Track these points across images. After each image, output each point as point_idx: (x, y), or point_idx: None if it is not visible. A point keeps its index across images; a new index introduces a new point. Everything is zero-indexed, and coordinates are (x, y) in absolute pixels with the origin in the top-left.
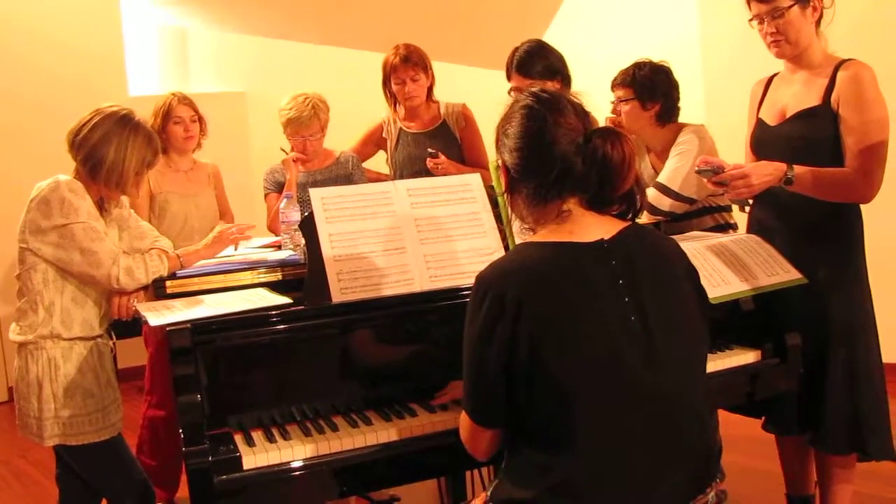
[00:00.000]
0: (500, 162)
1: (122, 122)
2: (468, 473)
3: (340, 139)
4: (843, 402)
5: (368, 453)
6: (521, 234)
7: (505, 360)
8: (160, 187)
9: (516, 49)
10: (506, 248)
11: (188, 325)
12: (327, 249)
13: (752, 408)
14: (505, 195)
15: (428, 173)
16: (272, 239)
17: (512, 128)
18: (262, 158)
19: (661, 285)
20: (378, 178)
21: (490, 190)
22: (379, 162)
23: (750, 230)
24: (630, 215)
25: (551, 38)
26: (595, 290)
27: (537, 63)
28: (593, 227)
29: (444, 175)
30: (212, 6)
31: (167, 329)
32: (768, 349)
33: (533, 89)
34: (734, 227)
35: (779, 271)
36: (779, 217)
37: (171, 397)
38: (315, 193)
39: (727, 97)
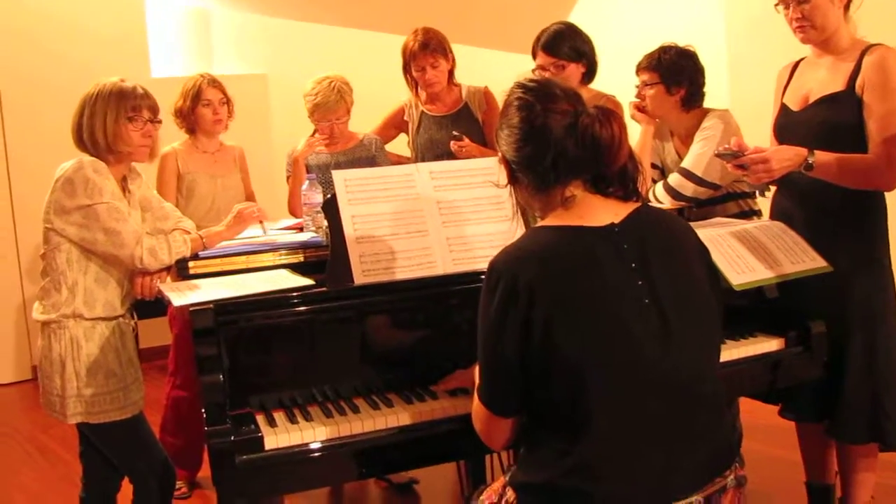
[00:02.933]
0: (500, 155)
1: (89, 93)
2: (487, 457)
3: (362, 122)
4: (862, 390)
5: (388, 436)
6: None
7: (520, 345)
8: (187, 168)
9: (545, 29)
10: None
11: (211, 306)
12: (350, 231)
13: (770, 394)
14: (509, 186)
15: (450, 156)
16: (295, 221)
17: (508, 120)
18: (284, 141)
19: (673, 267)
20: (399, 161)
21: None
22: (400, 145)
23: (773, 217)
24: (632, 194)
25: (575, 21)
26: (607, 274)
27: (565, 44)
28: (602, 211)
29: (468, 158)
30: None
31: (190, 310)
32: (792, 337)
33: (520, 80)
34: (758, 213)
35: (804, 258)
36: (801, 204)
37: (196, 378)
38: (338, 175)
39: (752, 82)
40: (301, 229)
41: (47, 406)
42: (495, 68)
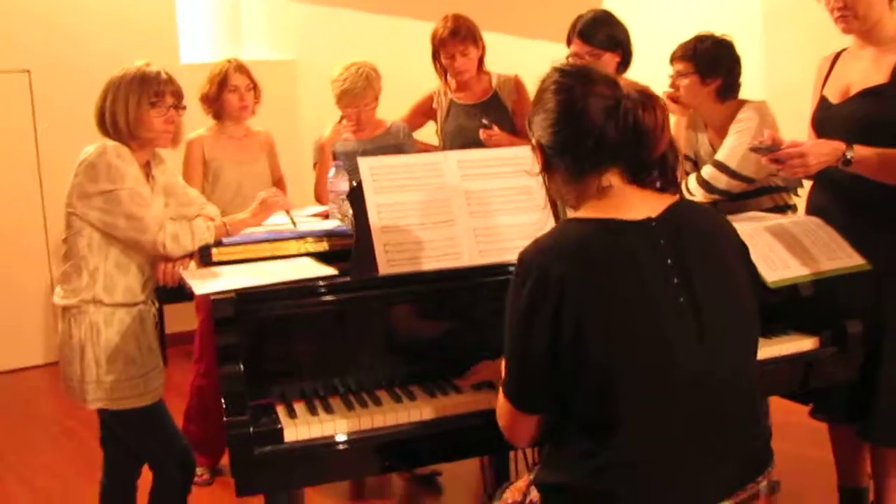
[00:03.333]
0: (534, 141)
1: (113, 78)
2: (512, 453)
3: (390, 109)
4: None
5: (410, 430)
6: (573, 210)
7: (549, 342)
8: (213, 154)
9: (581, 15)
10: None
11: (232, 295)
12: (375, 220)
13: (801, 393)
14: (542, 175)
15: (477, 144)
16: (321, 208)
17: (543, 105)
18: (312, 128)
19: (710, 265)
20: (426, 149)
21: None
22: (429, 133)
23: (809, 212)
24: (670, 185)
25: (608, 7)
26: (642, 270)
27: (601, 31)
28: (639, 204)
29: (497, 146)
30: None
31: (211, 298)
32: (827, 337)
33: (556, 65)
34: (793, 208)
35: (841, 256)
36: (838, 199)
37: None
38: (363, 163)
39: (789, 72)
40: (327, 216)
41: (68, 391)
42: (525, 56)
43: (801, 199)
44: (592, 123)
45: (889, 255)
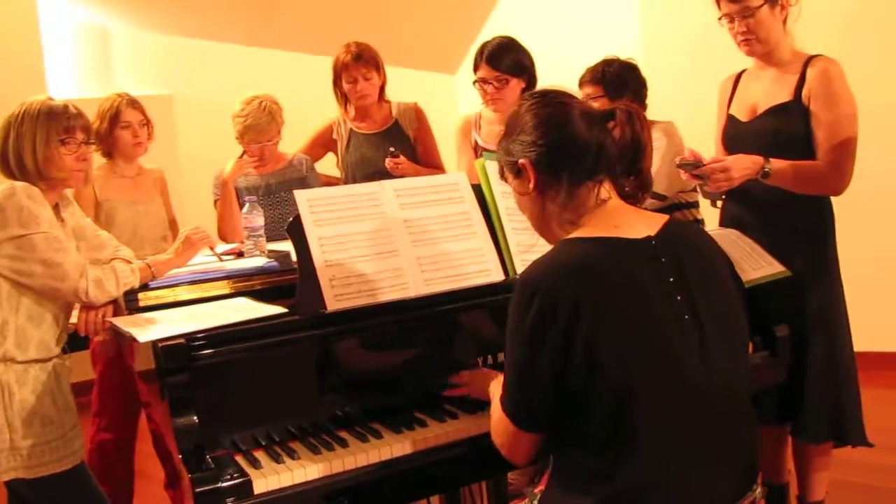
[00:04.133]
0: (521, 163)
1: (14, 114)
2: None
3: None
4: (823, 391)
5: (386, 468)
6: (513, 234)
7: (556, 363)
8: (106, 194)
9: (487, 42)
10: (497, 248)
11: (182, 341)
12: (318, 254)
13: None
14: (532, 195)
15: (382, 174)
16: (229, 246)
17: (526, 125)
18: (191, 163)
19: (708, 282)
20: (329, 181)
21: (477, 189)
22: (328, 164)
23: (723, 224)
24: (642, 200)
25: (488, 35)
26: (649, 289)
27: (507, 56)
28: (637, 223)
29: (403, 176)
30: (134, 5)
31: (160, 345)
32: (757, 342)
33: (529, 92)
34: (702, 223)
35: (763, 264)
36: (753, 211)
37: (123, 419)
38: (301, 196)
39: (669, 98)
40: (240, 254)
41: None
42: (407, 88)
43: (712, 209)
44: (585, 131)
45: (805, 261)
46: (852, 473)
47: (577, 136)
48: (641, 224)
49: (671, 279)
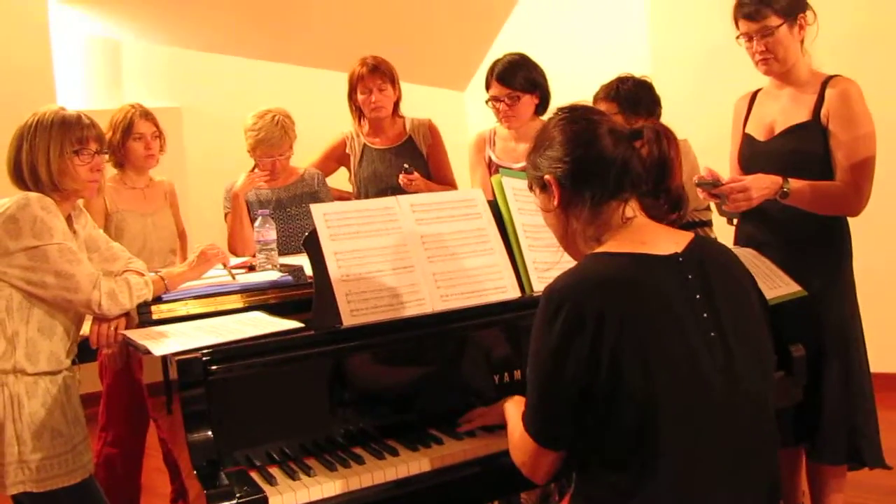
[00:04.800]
0: (546, 179)
1: (27, 124)
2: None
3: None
4: (840, 412)
5: (403, 486)
6: (529, 251)
7: (581, 377)
8: (116, 206)
9: (498, 60)
10: (513, 264)
11: (199, 355)
12: (334, 269)
13: None
14: (556, 211)
15: (394, 190)
16: (240, 259)
17: (554, 140)
18: (199, 176)
19: (734, 301)
20: (340, 195)
21: (492, 206)
22: (339, 179)
23: (738, 244)
24: (681, 217)
25: (495, 58)
26: (675, 306)
27: (519, 74)
28: (664, 240)
29: (416, 192)
30: (145, 18)
31: (176, 359)
32: (773, 362)
33: (559, 106)
34: None
35: (780, 284)
36: (770, 231)
37: (130, 433)
38: (317, 210)
39: (678, 115)
40: (251, 268)
41: None
42: (416, 104)
43: (727, 229)
44: (612, 149)
45: (822, 281)
46: (868, 496)
47: (603, 155)
48: (668, 241)
49: (697, 296)
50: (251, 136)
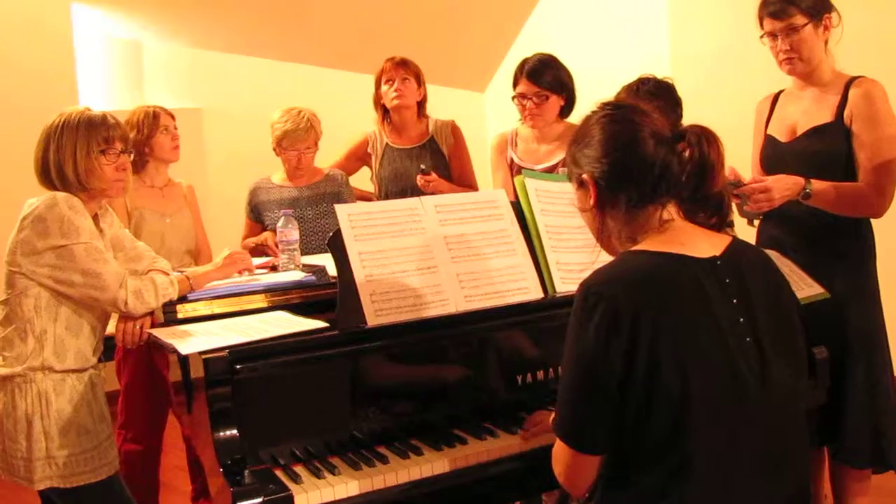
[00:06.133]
0: (584, 177)
1: (53, 125)
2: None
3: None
4: (865, 415)
5: (428, 485)
6: (552, 252)
7: (618, 376)
8: (135, 203)
9: (527, 58)
10: (536, 265)
11: (225, 353)
12: (358, 269)
13: None
14: (593, 211)
15: (415, 190)
16: (264, 259)
17: (593, 138)
18: (219, 176)
19: (771, 306)
20: (363, 195)
21: (515, 207)
22: (361, 178)
23: (760, 246)
24: (723, 221)
25: (513, 59)
26: (712, 308)
27: (548, 73)
28: (702, 242)
29: (435, 193)
30: (166, 20)
31: (204, 357)
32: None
33: (603, 100)
34: None
35: (803, 286)
36: (792, 232)
37: (149, 430)
38: (341, 210)
39: (699, 117)
40: (273, 268)
41: (6, 470)
42: (436, 105)
43: (749, 229)
44: (653, 155)
45: (846, 283)
46: (892, 500)
47: (642, 158)
48: (706, 243)
49: (734, 300)
50: (277, 129)
